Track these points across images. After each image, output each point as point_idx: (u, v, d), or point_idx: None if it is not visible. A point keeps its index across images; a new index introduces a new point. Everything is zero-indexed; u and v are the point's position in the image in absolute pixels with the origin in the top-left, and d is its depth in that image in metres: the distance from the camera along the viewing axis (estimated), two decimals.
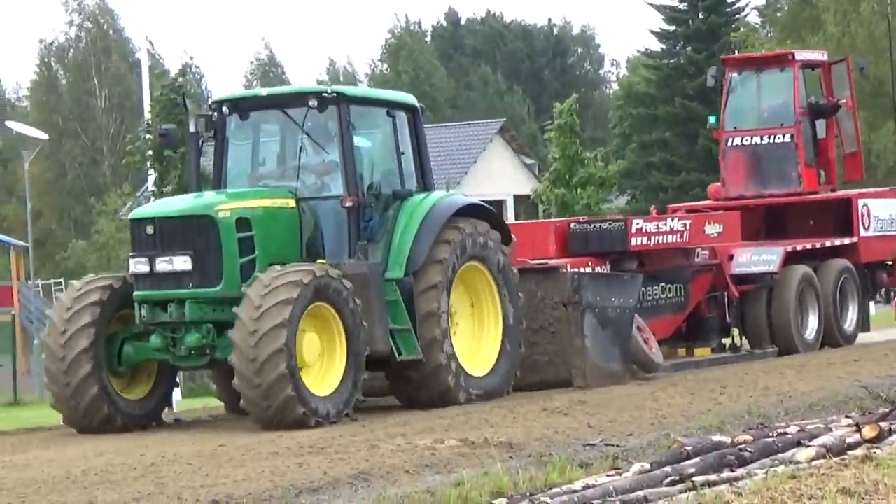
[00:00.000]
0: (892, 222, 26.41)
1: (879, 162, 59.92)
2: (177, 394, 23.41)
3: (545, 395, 19.28)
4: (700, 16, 77.39)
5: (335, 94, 17.99)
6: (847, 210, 25.71)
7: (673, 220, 23.66)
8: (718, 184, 27.25)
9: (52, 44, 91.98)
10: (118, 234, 60.83)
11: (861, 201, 25.69)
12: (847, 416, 13.93)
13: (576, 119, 48.48)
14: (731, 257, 23.54)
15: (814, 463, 11.16)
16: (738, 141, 26.08)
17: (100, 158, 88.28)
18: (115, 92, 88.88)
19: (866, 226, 25.53)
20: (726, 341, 24.22)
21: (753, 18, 77.62)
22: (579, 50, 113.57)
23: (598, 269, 21.38)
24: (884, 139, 60.81)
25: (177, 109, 39.36)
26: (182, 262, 16.96)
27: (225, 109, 18.56)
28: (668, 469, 11.07)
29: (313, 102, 17.88)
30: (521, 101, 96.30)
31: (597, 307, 19.62)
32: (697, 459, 11.39)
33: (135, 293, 17.09)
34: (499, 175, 67.18)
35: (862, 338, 25.78)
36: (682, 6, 79.24)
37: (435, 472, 12.86)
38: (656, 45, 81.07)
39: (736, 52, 51.90)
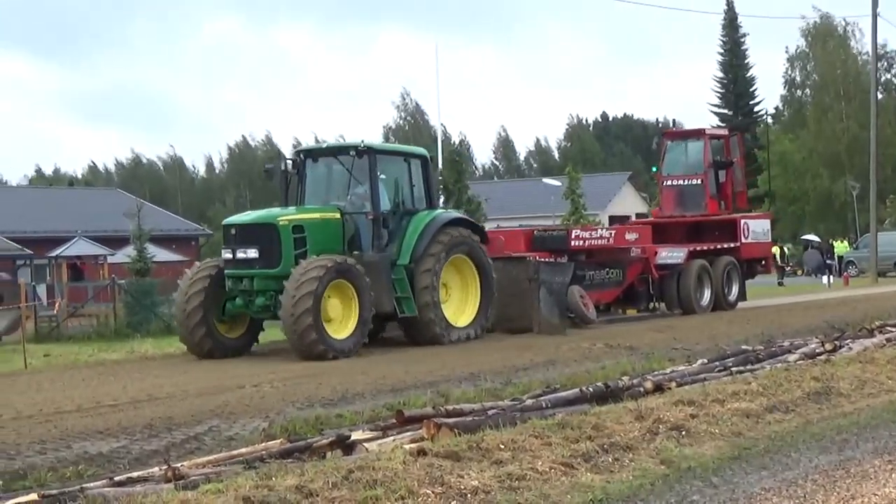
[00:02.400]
0: (763, 234, 23.42)
1: None
2: None
3: (653, 320, 19.89)
4: (739, 118, 70.65)
5: (367, 147, 16.26)
6: (734, 226, 22.59)
7: (602, 229, 20.82)
8: (657, 208, 24.22)
9: (387, 126, 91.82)
10: None
11: (743, 221, 23.27)
12: (816, 338, 14.10)
13: None
14: (655, 253, 20.78)
15: (798, 362, 11.51)
16: (670, 182, 23.33)
17: None
18: None
19: (746, 236, 22.38)
20: (651, 305, 21.20)
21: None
22: None
23: (556, 259, 18.67)
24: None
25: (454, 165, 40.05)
26: (252, 252, 15.39)
27: (302, 156, 16.85)
28: (717, 363, 11.52)
29: (353, 153, 16.37)
30: (642, 164, 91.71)
31: (546, 282, 17.18)
32: (733, 358, 11.79)
33: (225, 271, 15.64)
34: (629, 202, 63.97)
35: (741, 305, 23.43)
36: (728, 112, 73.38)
37: (590, 362, 13.24)
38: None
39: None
